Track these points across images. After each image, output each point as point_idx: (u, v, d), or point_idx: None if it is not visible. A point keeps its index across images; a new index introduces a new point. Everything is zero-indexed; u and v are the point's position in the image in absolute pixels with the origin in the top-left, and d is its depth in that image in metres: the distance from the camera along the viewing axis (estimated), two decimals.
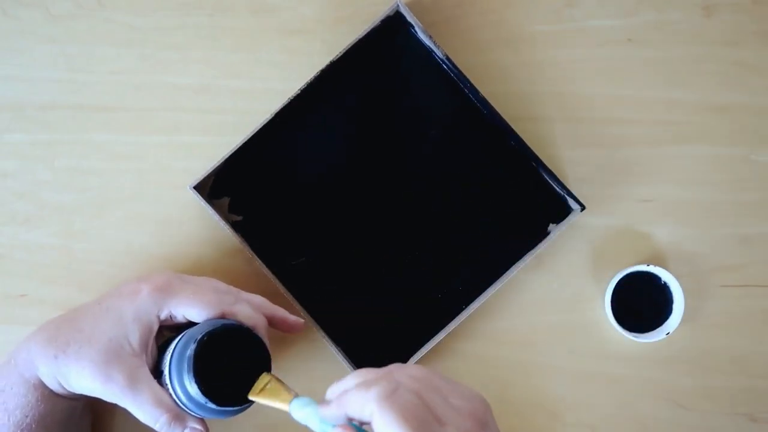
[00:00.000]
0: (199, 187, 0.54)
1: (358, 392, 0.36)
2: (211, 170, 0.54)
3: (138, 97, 0.58)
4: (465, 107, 0.57)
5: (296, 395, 0.42)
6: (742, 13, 0.58)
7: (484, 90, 0.56)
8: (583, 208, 0.54)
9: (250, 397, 0.44)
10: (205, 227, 0.57)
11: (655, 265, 0.55)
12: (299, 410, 0.41)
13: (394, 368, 0.39)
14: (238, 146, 0.54)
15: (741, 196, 0.57)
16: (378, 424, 0.35)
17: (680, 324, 0.54)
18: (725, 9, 0.58)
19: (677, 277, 0.55)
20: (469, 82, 0.55)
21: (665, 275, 0.55)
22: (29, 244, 0.57)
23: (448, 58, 0.55)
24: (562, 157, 0.57)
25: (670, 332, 0.54)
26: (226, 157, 0.54)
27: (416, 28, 0.56)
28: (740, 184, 0.57)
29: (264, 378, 0.44)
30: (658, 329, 0.55)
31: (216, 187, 0.56)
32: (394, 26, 0.57)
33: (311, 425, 0.40)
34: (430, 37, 0.55)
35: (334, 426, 0.38)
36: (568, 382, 0.56)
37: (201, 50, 0.58)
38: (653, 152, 0.58)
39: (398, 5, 0.55)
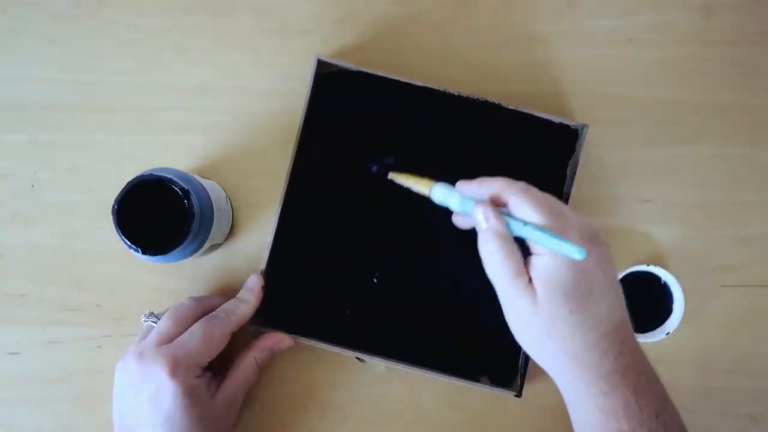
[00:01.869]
0: None
1: (501, 180, 0.44)
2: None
3: (138, 97, 0.58)
4: (438, 108, 0.56)
5: (435, 181, 0.47)
6: (742, 13, 0.58)
7: (484, 90, 0.56)
8: (584, 126, 0.54)
9: (391, 176, 0.50)
10: None
11: (655, 265, 0.55)
12: (442, 190, 0.47)
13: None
14: None
15: (741, 196, 0.57)
16: (516, 207, 0.43)
17: (680, 324, 0.54)
18: (725, 9, 0.58)
19: (677, 277, 0.55)
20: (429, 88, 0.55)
21: (665, 275, 0.55)
22: (29, 244, 0.57)
23: (387, 77, 0.55)
24: None
25: (670, 332, 0.54)
26: None
27: (345, 68, 0.55)
28: (740, 184, 0.57)
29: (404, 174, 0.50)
30: (658, 329, 0.55)
31: None
32: (331, 76, 0.56)
33: (451, 203, 0.46)
34: (360, 70, 0.55)
35: (475, 203, 0.44)
36: None
37: (201, 50, 0.58)
38: (653, 152, 0.58)
39: (316, 59, 0.55)
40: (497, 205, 0.44)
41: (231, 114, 0.58)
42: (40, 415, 0.57)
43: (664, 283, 0.56)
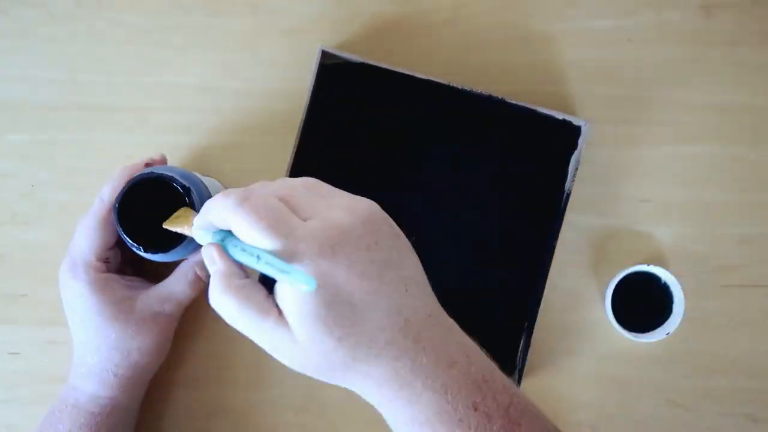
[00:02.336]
0: None
1: (215, 202, 0.35)
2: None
3: (138, 97, 0.58)
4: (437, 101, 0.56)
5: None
6: (742, 13, 0.58)
7: (484, 90, 0.56)
8: (587, 123, 0.54)
9: (165, 226, 0.44)
10: None
11: (655, 265, 0.55)
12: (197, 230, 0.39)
13: (259, 183, 0.37)
14: None
15: (741, 196, 0.57)
16: (235, 229, 0.35)
17: (680, 324, 0.54)
18: (725, 9, 0.58)
19: (677, 277, 0.55)
20: (430, 81, 0.54)
21: (665, 275, 0.55)
22: (29, 244, 0.57)
23: (391, 70, 0.55)
24: None
25: (670, 332, 0.54)
26: None
27: (349, 60, 0.55)
28: (740, 184, 0.57)
29: (181, 211, 0.45)
30: (658, 329, 0.55)
31: None
32: (334, 68, 0.56)
33: (204, 248, 0.38)
34: (363, 62, 0.55)
35: (204, 246, 0.37)
36: (567, 382, 0.56)
37: (201, 50, 0.58)
38: (653, 152, 0.58)
39: (320, 50, 0.55)
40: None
41: (231, 114, 0.58)
42: (40, 415, 0.57)
43: (664, 283, 0.56)
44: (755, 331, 0.57)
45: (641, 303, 0.56)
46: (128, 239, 0.46)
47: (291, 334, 0.34)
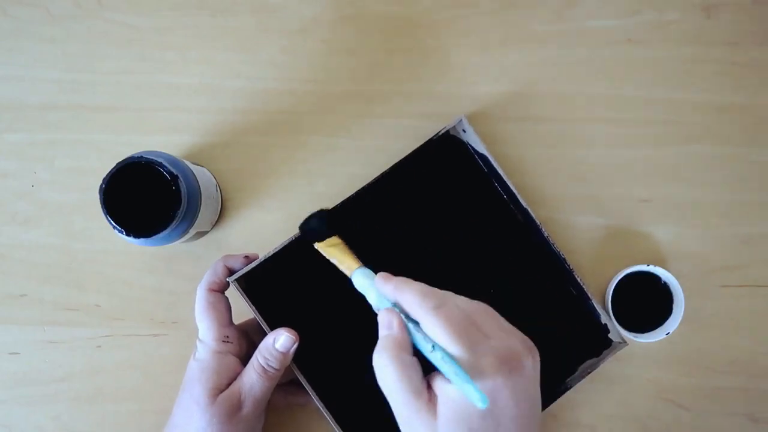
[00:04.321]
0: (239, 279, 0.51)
1: (415, 294, 0.40)
2: (254, 265, 0.51)
3: (138, 97, 0.58)
4: (509, 223, 0.56)
5: (362, 265, 0.44)
6: (742, 13, 0.58)
7: (483, 90, 0.56)
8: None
9: (317, 247, 0.46)
10: None
11: (655, 265, 0.55)
12: (362, 279, 0.43)
13: (451, 293, 0.41)
14: (283, 245, 0.51)
15: (741, 196, 0.57)
16: (427, 325, 0.38)
17: (680, 324, 0.54)
18: (725, 9, 0.58)
19: (677, 277, 0.55)
20: (519, 201, 0.54)
21: (665, 275, 0.55)
22: (29, 244, 0.57)
23: (501, 177, 0.54)
24: (561, 157, 0.57)
25: (670, 332, 0.54)
26: (270, 254, 0.51)
27: (472, 147, 0.56)
28: (740, 184, 0.57)
29: (335, 239, 0.47)
30: (658, 329, 0.55)
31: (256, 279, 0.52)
32: (452, 139, 0.56)
33: (369, 296, 0.43)
34: (485, 157, 0.55)
35: (390, 305, 0.41)
36: None
37: (201, 50, 0.58)
38: (653, 152, 0.58)
39: (462, 120, 0.55)
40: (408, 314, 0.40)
41: (231, 114, 0.58)
42: (40, 415, 0.57)
43: (664, 283, 0.56)
44: (755, 331, 0.57)
45: (641, 303, 0.56)
46: (112, 221, 0.47)
47: (433, 423, 0.37)
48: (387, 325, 0.40)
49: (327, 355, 0.52)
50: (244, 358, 0.50)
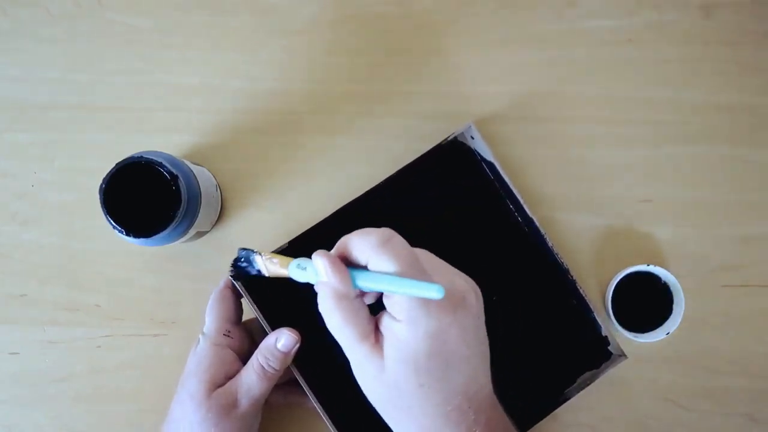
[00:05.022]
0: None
1: (357, 237, 0.39)
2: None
3: (138, 97, 0.58)
4: (514, 232, 0.56)
5: (294, 258, 0.42)
6: (742, 13, 0.58)
7: (482, 91, 0.56)
8: (623, 356, 0.54)
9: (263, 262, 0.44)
10: None
11: (655, 265, 0.55)
12: (296, 269, 0.41)
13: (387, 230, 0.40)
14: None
15: (741, 196, 0.57)
16: (374, 265, 0.38)
17: (680, 324, 0.54)
18: (725, 9, 0.58)
19: (677, 277, 0.55)
20: (525, 211, 0.54)
21: (665, 275, 0.55)
22: (29, 244, 0.57)
23: (507, 185, 0.54)
24: (561, 157, 0.57)
25: (670, 332, 0.54)
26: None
27: (480, 154, 0.56)
28: (740, 184, 0.57)
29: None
30: (658, 329, 0.55)
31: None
32: (459, 145, 0.56)
33: (311, 279, 0.40)
34: (492, 165, 0.55)
35: (315, 253, 0.39)
36: None
37: (201, 50, 0.58)
38: (653, 152, 0.58)
39: (470, 127, 0.54)
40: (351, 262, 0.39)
41: (231, 114, 0.58)
42: (40, 415, 0.57)
43: (664, 283, 0.56)
44: (755, 331, 0.57)
45: (641, 303, 0.56)
46: (112, 221, 0.47)
47: (380, 363, 0.38)
48: (323, 271, 0.38)
49: (326, 356, 0.52)
50: (244, 357, 0.50)
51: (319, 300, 0.39)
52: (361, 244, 0.38)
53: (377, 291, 0.38)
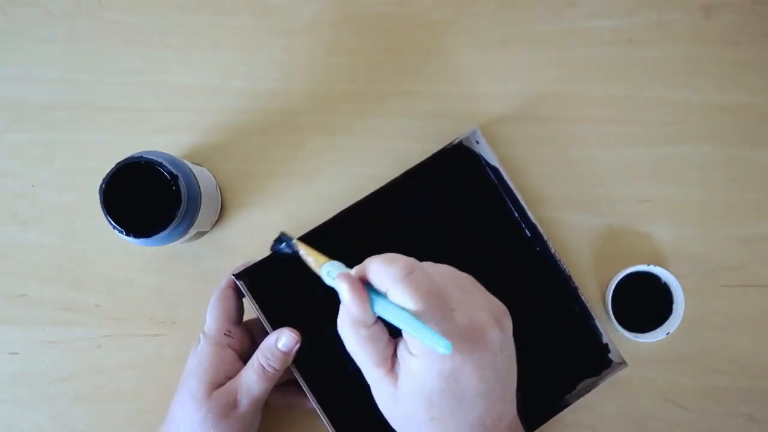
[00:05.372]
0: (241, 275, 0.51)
1: (380, 264, 0.38)
2: (256, 261, 0.51)
3: (138, 97, 0.58)
4: (516, 238, 0.56)
5: (329, 259, 0.42)
6: (742, 13, 0.58)
7: (481, 91, 0.56)
8: (624, 364, 0.54)
9: (296, 243, 0.43)
10: None
11: (655, 265, 0.55)
12: (327, 275, 0.41)
13: (425, 263, 0.40)
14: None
15: (741, 196, 0.57)
16: (393, 297, 0.37)
17: (680, 324, 0.54)
18: (725, 9, 0.58)
19: (677, 277, 0.55)
20: (528, 216, 0.54)
21: (665, 275, 0.55)
22: (29, 244, 0.57)
23: (510, 190, 0.54)
24: (561, 157, 0.57)
25: (670, 332, 0.54)
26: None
27: (484, 159, 0.56)
28: (740, 184, 0.57)
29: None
30: (658, 329, 0.55)
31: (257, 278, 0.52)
32: (464, 150, 0.56)
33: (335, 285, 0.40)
34: (497, 170, 0.55)
35: (339, 274, 0.39)
36: None
37: (201, 50, 0.58)
38: (653, 152, 0.58)
39: (476, 131, 0.54)
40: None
41: (231, 114, 0.58)
42: (40, 415, 0.57)
43: (664, 283, 0.56)
44: (755, 331, 0.57)
45: (641, 303, 0.56)
46: (112, 221, 0.47)
47: (394, 390, 0.38)
48: (342, 297, 0.38)
49: (326, 357, 0.52)
50: (244, 357, 0.50)
51: (339, 320, 0.39)
52: (383, 273, 0.38)
53: (393, 324, 0.38)
